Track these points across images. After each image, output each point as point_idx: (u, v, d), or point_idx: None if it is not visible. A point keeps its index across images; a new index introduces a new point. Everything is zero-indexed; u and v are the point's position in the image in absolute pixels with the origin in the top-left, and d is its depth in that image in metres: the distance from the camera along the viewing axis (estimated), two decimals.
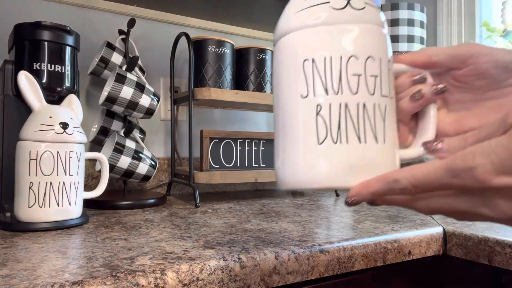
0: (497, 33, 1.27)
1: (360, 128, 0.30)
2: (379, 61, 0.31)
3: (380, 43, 0.31)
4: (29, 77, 0.63)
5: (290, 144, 0.32)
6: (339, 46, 0.30)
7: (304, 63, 0.31)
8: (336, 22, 0.31)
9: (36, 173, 0.59)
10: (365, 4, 0.32)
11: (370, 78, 0.30)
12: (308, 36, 0.32)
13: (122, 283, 0.39)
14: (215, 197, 1.01)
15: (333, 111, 0.30)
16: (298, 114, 0.31)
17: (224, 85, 0.96)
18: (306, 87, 0.31)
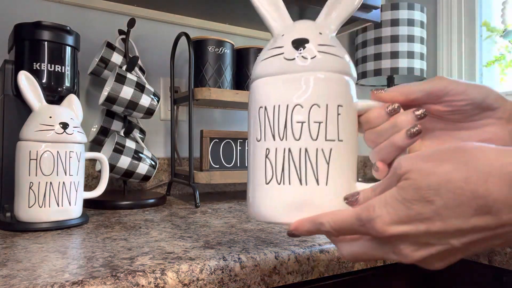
0: (497, 33, 1.27)
1: (302, 171, 0.33)
2: (325, 108, 0.33)
3: (327, 90, 0.33)
4: (29, 77, 0.63)
5: (249, 181, 0.36)
6: (287, 95, 0.33)
7: (259, 110, 0.35)
8: (287, 72, 0.34)
9: (36, 173, 0.59)
10: (317, 53, 0.33)
11: (313, 124, 0.33)
12: (264, 85, 0.35)
13: (122, 283, 0.39)
14: (215, 197, 1.01)
15: (278, 155, 0.33)
16: (254, 155, 0.35)
17: (224, 85, 0.96)
18: (259, 132, 0.35)
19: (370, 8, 1.09)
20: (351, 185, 0.34)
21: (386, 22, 1.27)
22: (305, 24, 0.37)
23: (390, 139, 0.33)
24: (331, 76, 0.33)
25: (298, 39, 0.34)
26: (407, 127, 0.33)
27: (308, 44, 0.34)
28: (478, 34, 1.32)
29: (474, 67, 1.32)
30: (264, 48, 0.37)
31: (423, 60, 1.29)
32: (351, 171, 0.34)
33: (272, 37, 0.38)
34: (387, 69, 1.27)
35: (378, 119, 0.34)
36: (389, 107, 0.34)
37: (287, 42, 0.34)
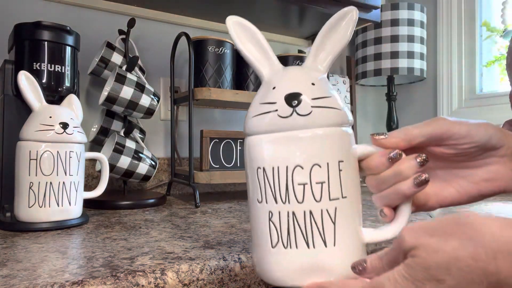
0: (497, 33, 1.27)
1: (308, 234, 0.31)
2: (326, 166, 0.32)
3: (328, 147, 0.32)
4: (29, 77, 0.63)
5: (254, 241, 0.35)
6: (285, 156, 0.32)
7: (257, 171, 0.33)
8: (282, 130, 0.32)
9: (36, 173, 0.59)
10: (311, 109, 0.32)
11: (316, 185, 0.31)
12: (259, 144, 0.33)
13: (122, 283, 0.39)
14: (215, 197, 1.01)
15: (282, 219, 0.32)
16: (256, 217, 0.34)
17: (224, 85, 0.96)
18: (260, 193, 0.33)
19: (370, 8, 1.09)
20: (358, 238, 0.33)
21: (386, 22, 1.27)
22: (296, 73, 0.35)
23: (396, 188, 0.33)
24: (329, 132, 0.32)
25: (291, 94, 0.32)
26: (411, 175, 0.32)
27: (302, 100, 0.32)
28: (478, 34, 1.32)
29: (474, 67, 1.32)
30: (255, 99, 0.35)
31: (423, 60, 1.29)
32: (357, 223, 0.34)
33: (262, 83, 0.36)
34: (387, 69, 1.27)
35: (379, 166, 0.33)
36: (391, 154, 0.33)
37: (280, 97, 0.32)
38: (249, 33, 0.37)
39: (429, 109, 1.43)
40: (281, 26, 1.20)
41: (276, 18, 1.13)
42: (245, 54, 0.36)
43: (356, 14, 0.35)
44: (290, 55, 1.07)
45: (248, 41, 0.37)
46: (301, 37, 1.31)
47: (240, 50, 0.36)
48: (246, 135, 0.35)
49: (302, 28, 1.21)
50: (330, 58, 0.35)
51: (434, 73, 1.40)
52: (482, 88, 1.32)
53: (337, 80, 1.36)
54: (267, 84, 0.35)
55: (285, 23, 1.17)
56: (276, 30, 1.24)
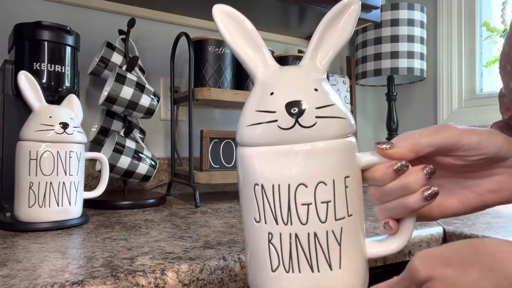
0: (497, 33, 1.27)
1: (312, 257, 0.29)
2: (332, 184, 0.29)
3: (335, 162, 0.29)
4: (29, 77, 0.63)
5: (250, 263, 0.32)
6: (287, 172, 0.28)
7: (254, 187, 0.30)
8: (283, 143, 0.29)
9: (36, 173, 0.59)
10: (316, 119, 0.28)
11: (321, 205, 0.28)
12: (257, 158, 0.30)
13: (122, 283, 0.39)
14: (215, 197, 1.01)
15: (284, 241, 0.29)
16: (254, 237, 0.31)
17: (224, 85, 0.96)
18: (258, 213, 0.30)
19: (370, 8, 1.09)
20: (363, 256, 0.31)
21: (386, 22, 1.27)
22: (295, 75, 0.31)
23: (403, 201, 0.30)
24: (335, 145, 0.29)
25: (293, 102, 0.28)
26: (419, 188, 0.30)
27: (305, 110, 0.28)
28: (478, 34, 1.32)
29: (474, 67, 1.32)
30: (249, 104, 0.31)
31: (423, 60, 1.29)
32: (361, 239, 0.31)
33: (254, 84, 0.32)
34: (387, 69, 1.27)
35: (385, 178, 0.31)
36: (396, 165, 0.30)
37: (280, 105, 0.29)
38: (240, 26, 0.32)
39: (429, 109, 1.43)
40: (281, 26, 1.20)
41: (276, 18, 1.13)
42: (235, 50, 0.32)
43: (358, 6, 0.32)
44: (290, 55, 1.07)
45: (239, 35, 0.32)
46: (301, 37, 1.31)
47: (229, 45, 0.32)
48: (240, 145, 0.31)
49: (302, 28, 1.21)
50: (330, 55, 0.32)
51: (434, 73, 1.40)
52: (482, 88, 1.32)
53: (337, 80, 1.36)
54: (262, 87, 0.31)
55: (285, 23, 1.17)
56: (276, 30, 1.24)
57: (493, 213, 0.79)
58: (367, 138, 1.54)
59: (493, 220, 0.72)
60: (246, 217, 0.31)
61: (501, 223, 0.68)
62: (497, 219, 0.72)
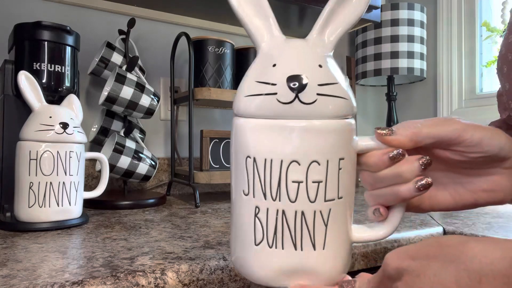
0: (497, 33, 1.27)
1: (297, 235, 0.28)
2: (326, 164, 0.28)
3: (331, 142, 0.28)
4: (29, 77, 0.63)
5: (234, 235, 0.32)
6: (281, 149, 0.28)
7: (246, 160, 0.29)
8: (280, 117, 0.28)
9: (36, 173, 0.59)
10: (317, 96, 0.28)
11: (312, 184, 0.28)
12: (252, 129, 0.29)
13: (122, 283, 0.39)
14: (215, 197, 1.01)
15: (270, 216, 0.29)
16: (241, 209, 0.30)
17: (224, 85, 0.96)
18: (247, 186, 0.29)
19: (370, 8, 1.09)
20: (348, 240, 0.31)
21: (386, 22, 1.27)
22: (300, 49, 0.31)
23: (394, 189, 0.30)
24: (334, 124, 0.28)
25: (295, 77, 0.28)
26: (412, 178, 0.30)
27: (307, 85, 0.27)
28: (478, 34, 1.32)
29: (474, 67, 1.32)
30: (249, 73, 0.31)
31: (423, 60, 1.29)
32: (349, 223, 0.31)
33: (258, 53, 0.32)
34: (387, 69, 1.27)
35: (379, 164, 0.30)
36: (392, 153, 0.30)
37: (281, 79, 0.28)
38: None
39: (429, 109, 1.43)
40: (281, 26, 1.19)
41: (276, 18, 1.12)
42: (242, 17, 0.31)
43: None
44: None
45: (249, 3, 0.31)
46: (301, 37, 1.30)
47: (235, 11, 0.31)
48: (236, 115, 0.31)
49: (302, 28, 1.21)
50: (339, 32, 0.31)
51: (434, 73, 1.40)
52: (482, 88, 1.32)
53: None
54: (265, 57, 0.30)
55: (285, 23, 1.17)
56: None
57: (493, 213, 0.79)
58: None
59: (493, 220, 0.72)
60: (235, 189, 0.31)
61: (501, 223, 0.68)
62: (497, 219, 0.72)
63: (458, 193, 0.35)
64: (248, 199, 0.30)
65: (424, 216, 0.75)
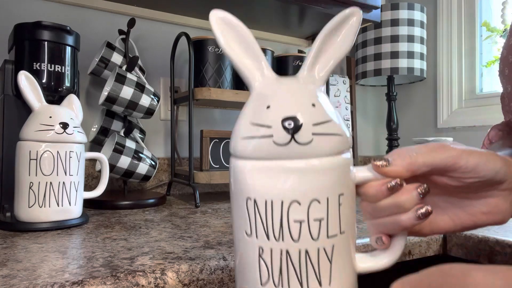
0: (497, 33, 1.27)
1: (303, 274, 0.28)
2: (326, 201, 0.28)
3: (330, 180, 0.29)
4: (29, 77, 0.63)
5: (239, 275, 0.32)
6: (280, 189, 0.28)
7: (247, 201, 0.29)
8: (277, 159, 0.28)
9: (36, 173, 0.59)
10: (312, 136, 0.28)
11: (314, 222, 0.28)
12: (251, 171, 0.29)
13: (122, 283, 0.39)
14: (215, 197, 1.01)
15: (274, 257, 0.29)
16: (244, 250, 0.30)
17: (224, 85, 0.96)
18: (249, 227, 0.30)
19: (370, 8, 1.09)
20: (353, 273, 0.31)
21: (386, 22, 1.27)
22: (292, 88, 0.30)
23: (395, 219, 0.31)
24: (331, 163, 0.29)
25: (289, 118, 0.28)
26: (411, 206, 0.30)
27: (302, 126, 0.28)
28: (478, 34, 1.32)
29: (474, 67, 1.32)
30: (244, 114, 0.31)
31: (423, 60, 1.29)
32: (352, 256, 0.31)
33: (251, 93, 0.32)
34: (387, 69, 1.27)
35: (378, 195, 0.31)
36: (390, 183, 0.30)
37: (276, 120, 0.28)
38: (238, 34, 0.32)
39: (429, 109, 1.43)
40: (281, 26, 1.20)
41: (276, 18, 1.13)
42: (233, 58, 0.31)
43: (360, 17, 0.31)
44: (290, 55, 1.07)
45: (237, 43, 0.32)
46: (301, 37, 1.31)
47: (226, 53, 0.31)
48: (234, 156, 0.31)
49: (302, 28, 1.21)
50: (329, 67, 0.32)
51: (434, 73, 1.40)
52: (482, 88, 1.32)
53: (337, 80, 1.36)
54: (258, 98, 0.31)
55: (285, 23, 1.17)
56: (276, 30, 1.24)
57: None
58: (367, 138, 1.54)
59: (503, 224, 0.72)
60: (237, 229, 0.31)
61: None
62: None
63: (458, 217, 0.36)
64: (251, 240, 0.30)
65: None
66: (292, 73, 1.06)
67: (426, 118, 1.43)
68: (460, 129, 1.30)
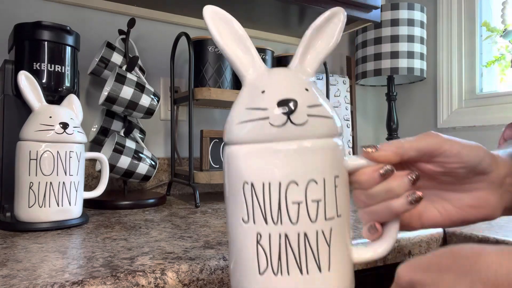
0: (497, 33, 1.27)
1: (302, 258, 0.28)
2: (323, 182, 0.29)
3: (325, 160, 0.29)
4: (29, 77, 0.63)
5: (235, 266, 0.31)
6: (278, 170, 0.28)
7: (244, 186, 0.29)
8: (274, 141, 0.28)
9: (36, 173, 0.59)
10: (307, 118, 0.29)
11: (312, 204, 0.28)
12: (247, 155, 0.29)
13: (122, 283, 0.39)
14: (215, 197, 1.01)
15: (273, 242, 0.29)
16: (241, 238, 0.30)
17: (224, 85, 0.96)
18: (246, 213, 0.29)
19: (370, 8, 1.09)
20: (350, 260, 0.31)
21: (386, 22, 1.27)
22: (285, 75, 0.32)
23: (388, 205, 0.31)
24: (326, 143, 0.29)
25: (285, 100, 0.29)
26: (403, 192, 0.31)
27: (297, 107, 0.28)
28: (478, 34, 1.31)
29: (474, 67, 1.32)
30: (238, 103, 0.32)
31: (423, 60, 1.29)
32: (349, 243, 0.32)
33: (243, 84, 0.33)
34: (387, 69, 1.27)
35: (370, 181, 0.32)
36: (382, 169, 0.31)
37: (272, 103, 0.29)
38: (230, 27, 0.33)
39: (429, 109, 1.43)
40: (281, 26, 1.20)
41: (276, 18, 1.13)
42: (226, 51, 0.32)
43: (344, 16, 0.33)
44: (290, 55, 1.07)
45: (229, 36, 0.33)
46: (301, 37, 1.30)
47: (219, 46, 0.32)
48: (228, 144, 0.31)
49: (302, 28, 1.21)
50: (317, 60, 0.33)
51: (434, 73, 1.40)
52: (482, 88, 1.32)
53: (337, 80, 1.36)
54: (252, 87, 0.31)
55: (285, 23, 1.17)
56: (276, 30, 1.24)
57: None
58: (367, 138, 1.54)
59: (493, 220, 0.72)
60: (232, 218, 0.31)
61: (501, 223, 0.68)
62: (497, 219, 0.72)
63: (446, 210, 0.36)
64: (248, 226, 0.29)
65: None
66: None
67: (426, 118, 1.43)
68: (460, 129, 1.30)
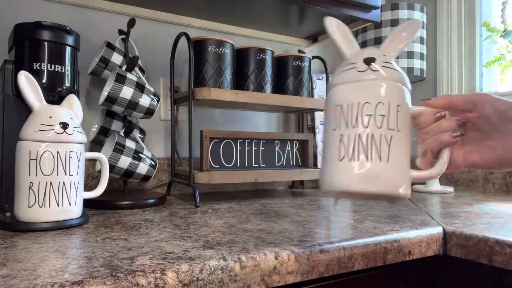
0: (497, 33, 1.27)
1: (368, 150, 0.41)
2: (388, 105, 0.42)
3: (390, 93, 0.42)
4: (29, 77, 0.63)
5: (324, 159, 0.45)
6: (359, 96, 0.42)
7: (336, 107, 0.44)
8: (359, 81, 0.43)
9: (36, 173, 0.59)
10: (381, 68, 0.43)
11: (378, 116, 0.42)
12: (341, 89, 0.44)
13: (122, 283, 0.39)
14: (215, 197, 1.01)
15: (350, 139, 0.42)
16: (330, 140, 0.44)
17: (224, 85, 0.96)
18: (335, 123, 0.44)
19: (370, 8, 1.09)
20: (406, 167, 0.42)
21: (386, 22, 1.27)
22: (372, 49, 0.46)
23: (437, 137, 0.43)
24: (392, 84, 0.43)
25: (368, 57, 0.44)
26: (450, 130, 0.42)
27: (375, 61, 0.43)
28: (478, 34, 1.31)
29: (474, 67, 1.32)
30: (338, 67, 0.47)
31: (423, 60, 1.29)
32: (406, 156, 0.42)
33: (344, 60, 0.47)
34: None
35: (426, 122, 0.44)
36: (437, 113, 0.43)
37: (359, 59, 0.44)
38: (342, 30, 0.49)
39: None
40: (281, 26, 1.20)
41: (276, 18, 1.13)
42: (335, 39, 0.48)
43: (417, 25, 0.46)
44: (290, 55, 1.07)
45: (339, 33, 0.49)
46: (301, 37, 1.31)
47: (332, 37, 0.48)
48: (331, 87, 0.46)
49: (302, 28, 1.21)
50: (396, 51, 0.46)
51: (434, 73, 1.40)
52: (482, 88, 1.32)
53: None
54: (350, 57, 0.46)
55: (285, 23, 1.17)
56: (276, 30, 1.24)
57: (493, 213, 0.79)
58: None
59: (493, 220, 0.72)
60: (327, 131, 0.45)
61: (501, 223, 0.68)
62: (497, 219, 0.72)
63: (484, 153, 0.44)
64: (336, 132, 0.43)
65: (424, 216, 0.75)
66: (292, 74, 1.06)
67: None
68: None
